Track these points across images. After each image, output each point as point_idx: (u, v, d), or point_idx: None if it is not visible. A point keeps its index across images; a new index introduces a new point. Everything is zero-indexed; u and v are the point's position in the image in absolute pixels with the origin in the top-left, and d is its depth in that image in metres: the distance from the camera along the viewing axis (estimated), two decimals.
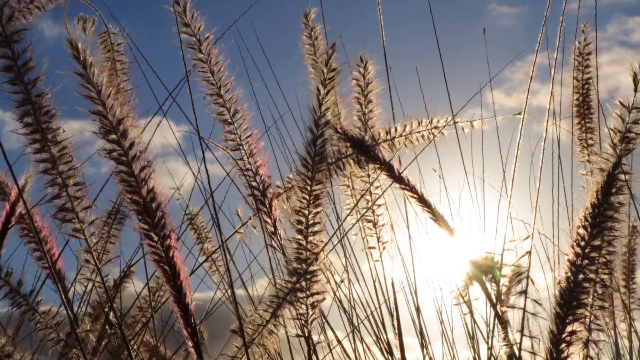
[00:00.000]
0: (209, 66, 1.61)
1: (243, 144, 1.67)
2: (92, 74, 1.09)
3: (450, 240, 1.57)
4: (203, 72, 1.61)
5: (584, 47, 2.36)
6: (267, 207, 1.68)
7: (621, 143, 1.11)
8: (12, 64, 1.15)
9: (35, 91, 1.17)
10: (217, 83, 1.63)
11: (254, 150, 1.67)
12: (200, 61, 1.60)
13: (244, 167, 1.67)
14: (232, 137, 1.66)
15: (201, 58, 1.60)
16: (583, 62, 2.36)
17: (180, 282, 1.15)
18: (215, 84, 1.63)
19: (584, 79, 2.36)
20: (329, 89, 1.45)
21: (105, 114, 1.11)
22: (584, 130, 2.33)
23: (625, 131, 1.13)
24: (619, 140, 1.11)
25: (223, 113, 1.64)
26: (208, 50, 1.60)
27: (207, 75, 1.62)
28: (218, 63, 1.61)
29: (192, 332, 1.18)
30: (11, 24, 1.13)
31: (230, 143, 1.66)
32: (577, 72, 2.36)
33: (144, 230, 1.13)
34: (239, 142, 1.66)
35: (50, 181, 1.21)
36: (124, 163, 1.13)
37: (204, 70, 1.61)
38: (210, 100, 1.63)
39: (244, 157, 1.67)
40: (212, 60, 1.61)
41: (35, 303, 1.53)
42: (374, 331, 1.93)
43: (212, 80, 1.62)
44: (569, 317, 1.10)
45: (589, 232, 1.07)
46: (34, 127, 1.18)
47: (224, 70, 1.61)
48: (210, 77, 1.62)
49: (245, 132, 1.66)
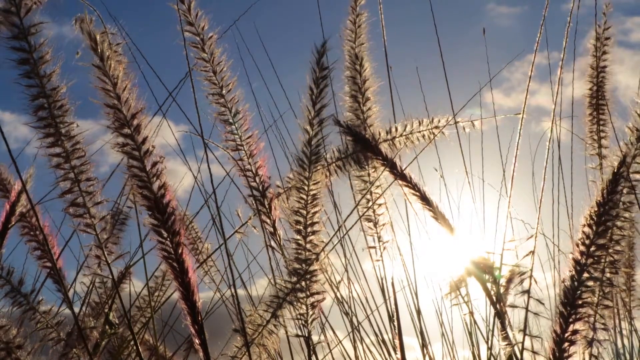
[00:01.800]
0: (211, 66, 1.61)
1: (243, 145, 1.67)
2: (109, 67, 1.09)
3: (451, 239, 1.57)
4: (205, 71, 1.61)
5: (604, 32, 2.18)
6: (266, 208, 1.68)
7: (638, 141, 1.10)
8: (28, 57, 1.14)
9: (50, 85, 1.17)
10: (219, 83, 1.63)
11: (254, 151, 1.67)
12: (203, 60, 1.60)
13: (244, 167, 1.67)
14: (233, 138, 1.66)
15: (204, 57, 1.60)
16: (600, 48, 2.19)
17: (189, 279, 1.15)
18: (217, 83, 1.62)
19: (600, 66, 2.19)
20: (322, 87, 1.45)
21: (120, 108, 1.11)
22: (596, 123, 2.19)
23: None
24: (636, 139, 1.10)
25: (224, 113, 1.64)
26: (211, 50, 1.60)
27: (209, 75, 1.62)
28: (220, 63, 1.61)
29: (199, 330, 1.18)
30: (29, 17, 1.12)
31: (231, 143, 1.66)
32: (593, 59, 2.19)
33: (153, 226, 1.13)
34: (240, 143, 1.66)
35: (62, 176, 1.20)
36: (137, 158, 1.13)
37: (207, 70, 1.61)
38: (212, 100, 1.63)
39: (244, 158, 1.67)
40: (215, 60, 1.61)
41: (36, 302, 1.53)
42: (373, 331, 1.93)
43: (214, 80, 1.62)
44: (572, 316, 1.10)
45: (594, 231, 1.06)
46: (47, 120, 1.18)
47: (226, 70, 1.61)
48: (212, 77, 1.62)
49: (245, 133, 1.66)
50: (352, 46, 1.84)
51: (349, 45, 1.84)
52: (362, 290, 1.97)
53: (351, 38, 1.84)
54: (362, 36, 1.84)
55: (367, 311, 1.94)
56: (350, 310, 1.95)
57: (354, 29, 1.84)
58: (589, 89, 2.22)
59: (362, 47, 1.84)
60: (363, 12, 1.84)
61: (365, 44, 1.84)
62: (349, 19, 1.84)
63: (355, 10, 1.85)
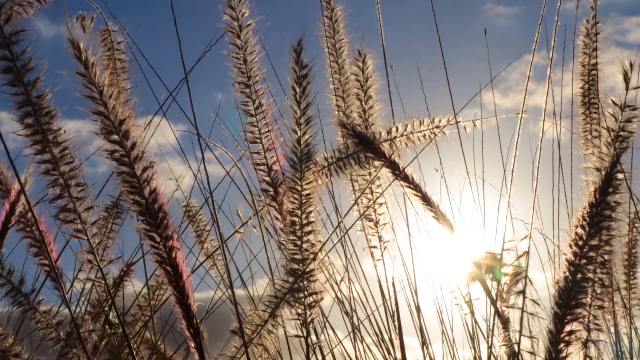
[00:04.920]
0: (243, 54, 1.62)
1: (262, 138, 1.67)
2: (94, 74, 1.09)
3: (451, 239, 1.57)
4: (237, 58, 1.62)
5: (592, 27, 2.13)
6: (278, 204, 1.68)
7: (615, 142, 1.10)
8: (11, 65, 1.14)
9: (35, 92, 1.16)
10: (247, 72, 1.63)
11: (272, 145, 1.67)
12: (237, 47, 1.61)
13: (259, 161, 1.67)
14: (252, 130, 1.66)
15: (237, 44, 1.61)
16: (591, 45, 2.13)
17: (183, 283, 1.15)
18: (245, 72, 1.63)
19: (591, 64, 2.14)
20: (304, 86, 1.45)
21: (107, 115, 1.11)
22: (589, 121, 2.14)
23: (618, 130, 1.12)
24: (612, 139, 1.10)
25: (247, 104, 1.65)
26: (246, 38, 1.61)
27: (239, 63, 1.62)
28: (253, 53, 1.62)
29: (194, 333, 1.17)
30: (10, 25, 1.12)
31: (249, 135, 1.67)
32: (584, 56, 2.14)
33: (146, 231, 1.13)
34: (258, 136, 1.66)
35: (52, 182, 1.20)
36: (126, 164, 1.12)
37: (238, 57, 1.62)
38: (238, 89, 1.63)
39: (261, 151, 1.67)
40: (249, 48, 1.61)
41: (36, 302, 1.53)
42: (374, 331, 1.93)
43: (243, 69, 1.63)
44: (567, 316, 1.10)
45: (587, 232, 1.06)
46: (34, 128, 1.18)
47: (257, 61, 1.62)
48: (242, 66, 1.63)
49: (265, 127, 1.66)
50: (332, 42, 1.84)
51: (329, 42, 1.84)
52: (362, 290, 1.97)
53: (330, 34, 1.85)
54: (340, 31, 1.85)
55: (367, 311, 1.94)
56: (351, 310, 1.95)
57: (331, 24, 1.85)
58: (581, 87, 2.18)
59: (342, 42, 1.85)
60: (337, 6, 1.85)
61: (345, 39, 1.85)
62: (324, 15, 1.85)
63: (329, 4, 1.86)
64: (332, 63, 1.88)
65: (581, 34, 2.14)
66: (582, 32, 2.14)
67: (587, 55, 2.15)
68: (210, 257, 2.39)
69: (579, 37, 2.15)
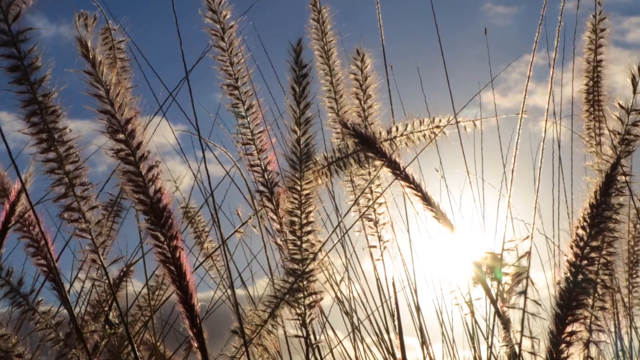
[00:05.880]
0: (229, 56, 1.61)
1: (254, 139, 1.66)
2: (101, 73, 1.09)
3: (452, 239, 1.57)
4: (222, 61, 1.61)
5: (599, 22, 2.08)
6: (274, 205, 1.68)
7: (621, 145, 1.10)
8: (18, 63, 1.14)
9: (41, 91, 1.16)
10: (234, 74, 1.62)
11: (265, 146, 1.67)
12: (222, 50, 1.60)
13: (253, 162, 1.67)
14: (244, 131, 1.66)
15: (222, 46, 1.60)
16: (596, 41, 2.09)
17: (186, 283, 1.15)
18: (233, 75, 1.62)
19: (596, 60, 2.10)
20: (304, 85, 1.44)
21: (114, 113, 1.11)
22: (593, 119, 2.11)
23: (624, 133, 1.12)
24: (618, 142, 1.10)
25: (237, 105, 1.64)
26: (230, 40, 1.60)
27: (225, 65, 1.62)
28: (238, 54, 1.61)
29: (197, 333, 1.17)
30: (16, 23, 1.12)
31: (241, 137, 1.66)
32: (589, 52, 2.10)
33: (150, 231, 1.13)
34: (250, 137, 1.66)
35: (56, 181, 1.20)
36: (132, 163, 1.12)
37: (224, 60, 1.61)
38: (226, 91, 1.63)
39: (254, 153, 1.67)
40: (234, 50, 1.61)
41: (36, 303, 1.53)
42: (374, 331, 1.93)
43: (230, 71, 1.62)
44: (568, 317, 1.10)
45: (588, 233, 1.06)
46: (40, 126, 1.18)
47: (243, 62, 1.62)
48: (229, 68, 1.62)
49: (257, 128, 1.66)
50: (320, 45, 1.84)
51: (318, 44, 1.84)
52: (362, 290, 1.97)
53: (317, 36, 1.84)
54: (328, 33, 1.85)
55: (367, 311, 1.94)
56: (351, 310, 1.95)
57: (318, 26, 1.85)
58: (585, 84, 2.16)
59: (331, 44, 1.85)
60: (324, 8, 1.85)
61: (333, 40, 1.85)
62: (311, 18, 1.85)
63: (315, 7, 1.86)
64: (322, 65, 1.87)
65: (587, 29, 2.12)
66: (588, 28, 2.11)
67: (592, 51, 2.11)
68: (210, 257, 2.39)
69: (585, 33, 2.12)
